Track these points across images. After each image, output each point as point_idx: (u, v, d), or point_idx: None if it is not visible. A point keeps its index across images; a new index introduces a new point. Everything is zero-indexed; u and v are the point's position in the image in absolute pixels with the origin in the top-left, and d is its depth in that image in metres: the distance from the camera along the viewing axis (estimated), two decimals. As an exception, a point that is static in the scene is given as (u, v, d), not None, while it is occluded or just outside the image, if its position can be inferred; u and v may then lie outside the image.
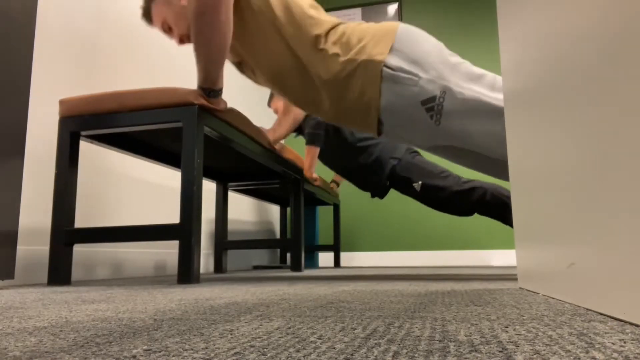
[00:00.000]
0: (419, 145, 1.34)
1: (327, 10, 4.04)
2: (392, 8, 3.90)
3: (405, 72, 1.21)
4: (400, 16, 3.88)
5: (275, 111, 2.43)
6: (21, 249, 1.44)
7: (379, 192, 2.39)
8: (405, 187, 2.28)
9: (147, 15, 1.47)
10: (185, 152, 1.27)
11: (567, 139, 0.55)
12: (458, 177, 2.20)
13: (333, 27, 1.31)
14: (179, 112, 1.31)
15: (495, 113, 1.16)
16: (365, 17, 3.94)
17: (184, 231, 1.23)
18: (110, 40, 1.90)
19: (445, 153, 1.38)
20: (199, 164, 1.28)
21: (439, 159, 3.68)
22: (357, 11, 3.97)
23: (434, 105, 1.20)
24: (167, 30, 1.45)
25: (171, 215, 2.25)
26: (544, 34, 0.62)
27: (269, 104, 2.53)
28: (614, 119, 0.42)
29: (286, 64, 1.33)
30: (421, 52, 1.22)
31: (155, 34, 2.21)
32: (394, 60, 1.22)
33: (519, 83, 0.77)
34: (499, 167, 1.35)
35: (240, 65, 1.46)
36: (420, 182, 2.22)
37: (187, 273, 1.21)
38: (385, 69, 1.22)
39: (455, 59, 1.24)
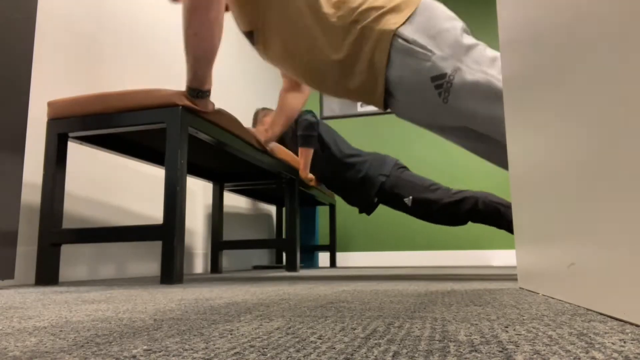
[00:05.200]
0: (426, 123, 1.33)
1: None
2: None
3: (420, 46, 1.21)
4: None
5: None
6: (21, 249, 1.44)
7: (367, 209, 2.40)
8: (396, 203, 2.30)
9: None
10: (169, 153, 1.28)
11: (567, 138, 0.55)
12: (448, 189, 2.21)
13: None
14: (162, 113, 1.31)
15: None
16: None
17: (166, 232, 1.24)
18: (110, 40, 1.90)
19: (455, 136, 1.37)
20: (183, 164, 1.29)
21: (427, 173, 3.68)
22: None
23: (443, 83, 1.20)
24: None
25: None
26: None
27: (254, 126, 2.54)
28: (614, 119, 0.42)
29: (299, 32, 1.31)
30: (439, 29, 1.22)
31: (155, 32, 2.21)
32: (409, 32, 1.22)
33: (517, 80, 0.77)
34: (506, 153, 1.34)
35: (252, 36, 1.43)
36: (411, 197, 2.23)
37: (169, 273, 1.22)
38: (398, 39, 1.22)
39: (471, 40, 1.23)
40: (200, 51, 1.24)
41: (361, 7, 1.27)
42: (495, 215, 2.09)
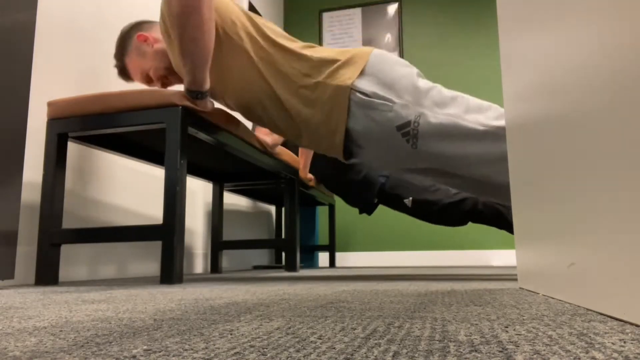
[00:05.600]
0: (395, 168, 1.33)
1: (327, 10, 4.04)
2: (392, 8, 3.90)
3: (380, 98, 1.21)
4: (400, 16, 3.88)
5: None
6: (21, 249, 1.44)
7: (367, 209, 2.40)
8: (397, 204, 2.29)
9: (124, 72, 1.45)
10: (168, 153, 1.28)
11: (567, 139, 0.55)
12: (448, 189, 2.20)
13: (307, 48, 1.32)
14: (162, 114, 1.31)
15: (471, 134, 1.17)
16: (365, 17, 3.94)
17: (166, 232, 1.24)
18: (110, 39, 1.90)
19: (427, 174, 1.37)
20: (182, 164, 1.29)
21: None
22: (357, 11, 3.98)
23: (409, 130, 1.20)
24: (147, 79, 1.44)
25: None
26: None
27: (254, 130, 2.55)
28: (614, 122, 0.42)
29: (259, 92, 1.32)
30: (394, 77, 1.23)
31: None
32: (366, 85, 1.23)
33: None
34: (483, 187, 1.33)
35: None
36: (410, 198, 2.22)
37: (169, 273, 1.22)
38: (357, 94, 1.23)
39: (426, 84, 1.24)
40: (198, 55, 1.22)
41: (313, 58, 1.28)
42: (495, 215, 2.09)
